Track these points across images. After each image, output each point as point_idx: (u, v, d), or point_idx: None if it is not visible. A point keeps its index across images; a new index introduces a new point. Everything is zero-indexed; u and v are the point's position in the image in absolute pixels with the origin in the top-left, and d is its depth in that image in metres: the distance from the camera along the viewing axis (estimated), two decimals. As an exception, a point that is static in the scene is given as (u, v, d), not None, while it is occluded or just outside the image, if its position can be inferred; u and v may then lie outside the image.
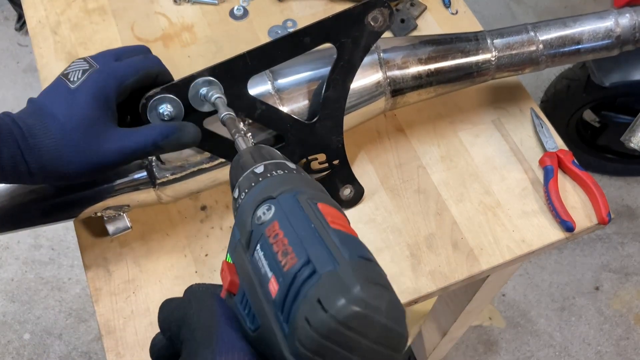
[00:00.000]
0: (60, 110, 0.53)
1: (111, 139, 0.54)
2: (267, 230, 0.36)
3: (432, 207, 0.74)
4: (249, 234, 0.37)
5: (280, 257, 0.34)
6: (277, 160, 0.42)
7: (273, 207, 0.37)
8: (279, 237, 0.35)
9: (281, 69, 0.66)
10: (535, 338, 1.68)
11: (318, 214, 0.36)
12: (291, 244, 0.34)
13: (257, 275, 0.36)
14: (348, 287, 0.31)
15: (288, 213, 0.36)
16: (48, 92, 0.55)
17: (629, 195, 1.89)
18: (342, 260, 0.33)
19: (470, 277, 0.70)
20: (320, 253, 0.34)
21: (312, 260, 0.33)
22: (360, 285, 0.31)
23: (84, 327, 1.66)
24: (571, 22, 0.71)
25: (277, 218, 0.36)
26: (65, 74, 0.55)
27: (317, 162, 0.69)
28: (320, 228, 0.35)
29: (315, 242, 0.34)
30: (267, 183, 0.40)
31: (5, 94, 2.04)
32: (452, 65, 0.70)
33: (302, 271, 0.33)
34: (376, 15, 0.62)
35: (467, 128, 0.80)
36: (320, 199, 0.38)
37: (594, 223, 0.73)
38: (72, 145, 0.52)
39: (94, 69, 0.55)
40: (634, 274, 1.77)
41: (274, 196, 0.38)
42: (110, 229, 0.66)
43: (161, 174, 0.63)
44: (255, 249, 0.36)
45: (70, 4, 0.90)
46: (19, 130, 0.51)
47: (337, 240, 0.34)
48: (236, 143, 0.49)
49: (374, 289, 0.32)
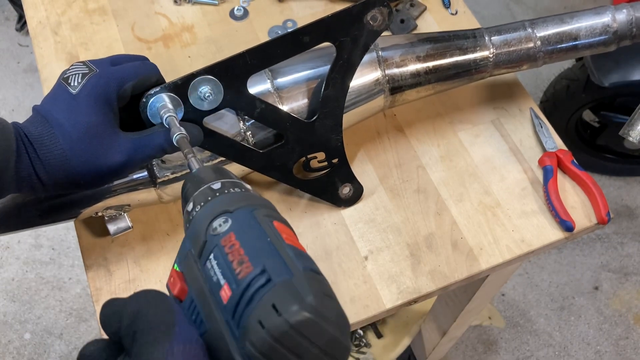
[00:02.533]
0: (65, 116, 0.53)
1: (118, 146, 0.54)
2: (223, 240, 0.38)
3: (432, 207, 0.74)
4: (202, 244, 0.39)
5: (235, 266, 0.36)
6: (234, 179, 0.44)
7: (230, 220, 0.39)
8: (234, 247, 0.37)
9: (281, 68, 0.66)
10: (534, 338, 1.68)
11: (274, 229, 0.38)
12: (247, 254, 0.36)
13: (208, 282, 0.37)
14: (302, 295, 0.33)
15: (245, 226, 0.38)
16: (50, 99, 0.55)
17: (629, 195, 1.89)
18: (296, 271, 0.35)
19: (470, 277, 0.70)
20: (276, 263, 0.35)
21: (267, 270, 0.35)
22: (313, 294, 0.33)
23: (85, 327, 1.66)
24: (568, 18, 0.71)
25: (234, 230, 0.38)
26: (65, 78, 0.55)
27: (317, 160, 0.69)
28: (275, 241, 0.37)
29: (271, 253, 0.36)
30: (223, 198, 0.41)
31: (6, 94, 2.04)
32: (450, 62, 0.70)
33: (258, 279, 0.34)
34: (375, 14, 0.62)
35: (467, 128, 0.80)
36: (275, 217, 0.40)
37: (593, 223, 0.73)
38: (81, 157, 0.53)
39: (94, 72, 0.55)
40: (633, 274, 1.77)
41: (231, 210, 0.39)
42: (111, 229, 0.66)
43: (162, 173, 0.64)
44: (208, 258, 0.38)
45: (70, 4, 0.90)
46: (28, 142, 0.51)
47: (292, 254, 0.36)
48: (189, 163, 0.49)
49: (325, 300, 0.34)
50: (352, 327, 0.69)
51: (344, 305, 0.67)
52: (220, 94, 0.60)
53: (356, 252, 0.71)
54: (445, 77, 0.71)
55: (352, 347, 1.42)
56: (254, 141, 0.65)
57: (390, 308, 0.68)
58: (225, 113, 0.63)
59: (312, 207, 0.74)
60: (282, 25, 0.88)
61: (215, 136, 0.62)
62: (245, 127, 0.64)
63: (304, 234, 0.72)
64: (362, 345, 1.42)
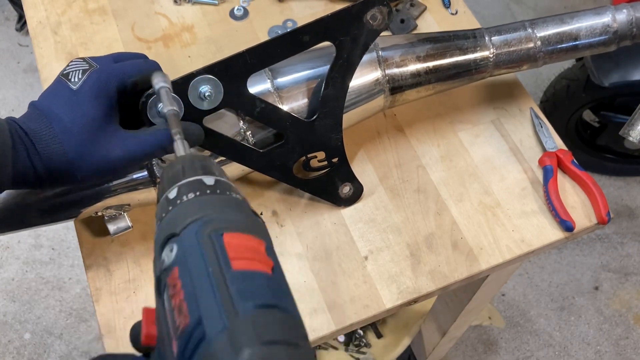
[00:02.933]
0: (65, 112, 0.52)
1: (117, 141, 0.54)
2: (169, 279, 0.33)
3: (432, 207, 0.74)
4: (157, 279, 0.34)
5: (176, 316, 0.31)
6: (191, 179, 0.37)
7: (175, 248, 0.34)
8: (176, 289, 0.32)
9: (280, 68, 0.66)
10: (534, 338, 1.68)
11: (219, 251, 0.32)
12: (186, 299, 0.31)
13: (166, 328, 0.32)
14: (237, 353, 0.28)
15: (188, 255, 0.33)
16: (49, 94, 0.55)
17: (629, 195, 1.89)
18: (233, 316, 0.29)
19: (470, 277, 0.70)
20: (212, 309, 0.30)
21: (203, 320, 0.30)
22: (250, 349, 0.28)
23: (85, 327, 1.66)
24: (568, 18, 0.71)
25: (178, 263, 0.33)
26: (65, 74, 0.55)
27: (317, 160, 0.69)
28: (216, 273, 0.31)
29: (209, 294, 0.31)
30: (175, 213, 0.36)
31: (6, 94, 2.04)
32: (450, 62, 0.70)
33: (195, 333, 0.30)
34: (375, 13, 0.62)
35: (467, 128, 0.80)
36: (229, 226, 0.34)
37: (593, 223, 0.73)
38: (79, 151, 0.52)
39: (94, 68, 0.55)
40: (633, 274, 1.77)
41: (177, 232, 0.34)
42: (111, 229, 0.66)
43: (161, 173, 0.63)
44: (164, 298, 0.33)
45: (70, 4, 0.90)
46: (26, 137, 0.51)
47: (235, 288, 0.31)
48: (175, 145, 0.44)
49: (269, 351, 0.28)
50: (352, 327, 0.69)
51: (344, 305, 0.68)
52: (220, 93, 0.60)
53: (356, 252, 0.71)
54: (445, 77, 0.71)
55: (352, 347, 1.42)
56: (254, 141, 0.65)
57: (390, 308, 0.68)
58: (225, 113, 0.63)
59: (312, 206, 0.74)
60: (282, 25, 0.88)
61: (215, 136, 0.62)
62: (245, 127, 0.64)
63: (304, 234, 0.72)
64: (362, 345, 1.42)
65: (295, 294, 0.33)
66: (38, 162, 0.51)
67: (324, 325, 0.67)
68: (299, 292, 0.68)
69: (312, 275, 0.69)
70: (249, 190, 0.75)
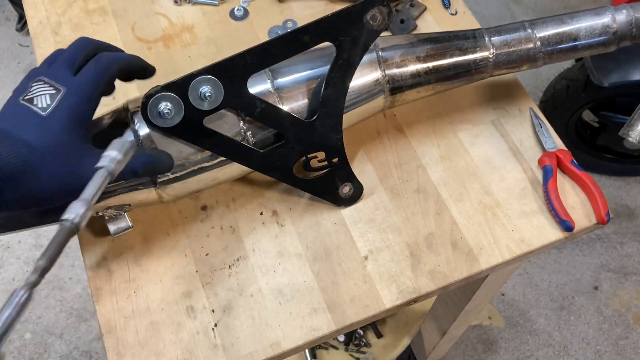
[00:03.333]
0: (34, 137, 0.51)
1: (90, 164, 0.52)
2: None
3: (432, 206, 0.74)
4: None
5: None
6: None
7: None
8: None
9: (281, 68, 0.66)
10: (534, 337, 1.68)
11: None
12: None
13: None
14: None
15: None
16: (10, 119, 0.53)
17: (628, 195, 1.89)
18: None
19: (470, 277, 0.71)
20: None
21: None
22: None
23: (85, 327, 1.66)
24: (568, 18, 0.71)
25: None
26: (28, 99, 0.53)
27: (317, 160, 0.69)
28: None
29: None
30: None
31: (6, 94, 2.04)
32: (450, 63, 0.70)
33: None
34: (375, 14, 0.62)
35: (467, 128, 0.80)
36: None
37: (593, 223, 0.73)
38: (51, 173, 0.51)
39: (62, 93, 0.54)
40: (632, 274, 1.77)
41: None
42: (112, 229, 0.66)
43: (161, 173, 0.63)
44: None
45: (71, 4, 0.90)
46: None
47: None
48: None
49: None
50: (352, 327, 0.69)
51: (344, 305, 0.68)
52: (221, 93, 0.60)
53: (356, 252, 0.71)
54: (445, 77, 0.71)
55: (352, 347, 1.42)
56: (254, 141, 0.65)
57: (390, 308, 0.68)
58: (225, 113, 0.63)
59: (312, 206, 0.74)
60: (282, 25, 0.88)
61: (216, 136, 0.62)
62: (245, 127, 0.64)
63: (304, 234, 0.72)
64: (362, 345, 1.43)
65: (295, 294, 0.33)
66: (5, 184, 0.50)
67: (324, 325, 0.67)
68: (299, 292, 0.68)
69: (312, 275, 0.69)
70: (249, 190, 0.75)
